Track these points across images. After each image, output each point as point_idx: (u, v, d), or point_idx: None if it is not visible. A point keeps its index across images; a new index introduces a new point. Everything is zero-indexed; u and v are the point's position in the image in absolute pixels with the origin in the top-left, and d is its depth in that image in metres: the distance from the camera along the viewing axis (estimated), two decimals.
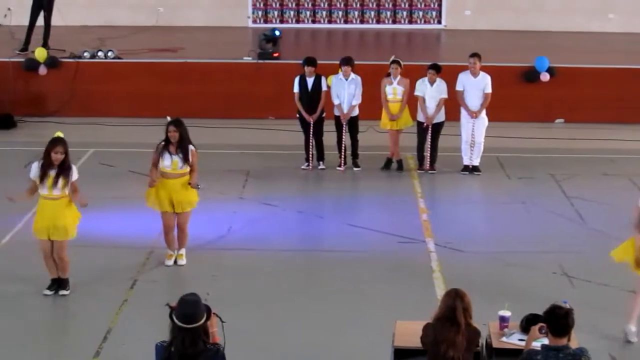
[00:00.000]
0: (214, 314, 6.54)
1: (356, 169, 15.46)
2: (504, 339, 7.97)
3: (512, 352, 7.63)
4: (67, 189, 10.29)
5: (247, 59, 18.93)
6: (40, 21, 19.32)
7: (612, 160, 16.09)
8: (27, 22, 19.45)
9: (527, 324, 7.84)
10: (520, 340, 7.84)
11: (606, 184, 14.83)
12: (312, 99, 15.13)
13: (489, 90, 15.00)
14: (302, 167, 15.46)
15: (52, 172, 10.23)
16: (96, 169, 14.99)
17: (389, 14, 23.20)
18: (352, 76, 15.18)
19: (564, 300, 7.35)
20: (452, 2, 23.15)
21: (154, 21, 22.77)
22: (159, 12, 22.87)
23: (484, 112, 15.06)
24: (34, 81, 18.71)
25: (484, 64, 15.23)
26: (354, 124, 15.37)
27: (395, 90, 15.11)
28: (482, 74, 15.06)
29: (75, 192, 10.37)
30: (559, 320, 6.61)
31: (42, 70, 18.64)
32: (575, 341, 6.94)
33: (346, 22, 23.28)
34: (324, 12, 23.25)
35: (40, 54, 18.67)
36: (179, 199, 11.21)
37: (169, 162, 11.14)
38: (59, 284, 10.57)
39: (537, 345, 6.87)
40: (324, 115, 15.33)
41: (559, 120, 18.68)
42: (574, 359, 6.55)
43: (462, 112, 15.13)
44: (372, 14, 23.20)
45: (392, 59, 15.21)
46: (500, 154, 16.12)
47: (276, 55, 18.89)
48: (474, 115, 14.99)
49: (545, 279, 11.08)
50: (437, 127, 15.15)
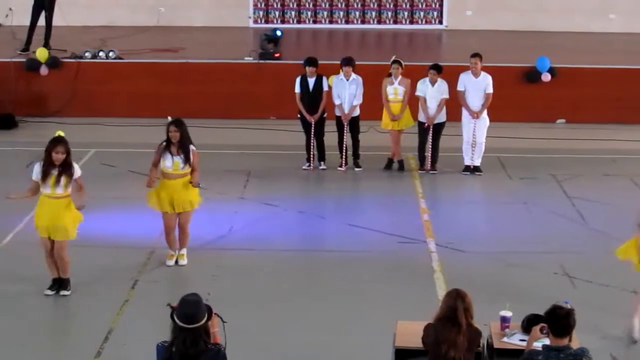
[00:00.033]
0: (215, 314, 6.54)
1: (357, 169, 15.45)
2: (505, 339, 7.96)
3: (513, 353, 7.62)
4: (70, 188, 10.30)
5: (248, 59, 18.92)
6: (41, 21, 19.33)
7: (614, 160, 16.08)
8: (28, 22, 19.45)
9: (528, 324, 7.83)
10: (521, 340, 7.84)
11: (607, 184, 14.82)
12: (314, 99, 15.13)
13: (490, 90, 14.99)
14: (303, 167, 15.46)
15: (54, 172, 10.22)
16: (97, 169, 14.98)
17: (390, 14, 23.19)
18: (353, 76, 15.17)
19: (565, 300, 7.33)
20: (453, 3, 23.13)
21: (155, 21, 22.75)
22: (160, 13, 22.86)
23: (485, 112, 15.05)
24: (35, 81, 18.70)
25: (485, 64, 15.23)
26: (355, 124, 15.36)
27: (396, 90, 15.10)
28: (483, 74, 15.05)
29: (81, 189, 10.41)
30: (560, 320, 6.60)
31: (44, 70, 18.64)
32: (576, 341, 6.93)
33: (347, 22, 23.27)
34: (325, 13, 23.24)
35: (41, 54, 18.67)
36: (180, 199, 11.20)
37: (170, 163, 11.13)
38: (59, 284, 10.56)
39: (538, 345, 6.87)
40: (325, 115, 15.33)
41: (560, 120, 18.67)
42: (575, 359, 6.54)
43: (464, 112, 15.12)
44: (374, 14, 23.18)
45: (393, 59, 15.21)
46: (501, 154, 16.11)
47: (277, 55, 18.88)
48: (475, 115, 14.98)
49: (546, 279, 11.08)
50: (438, 128, 15.14)
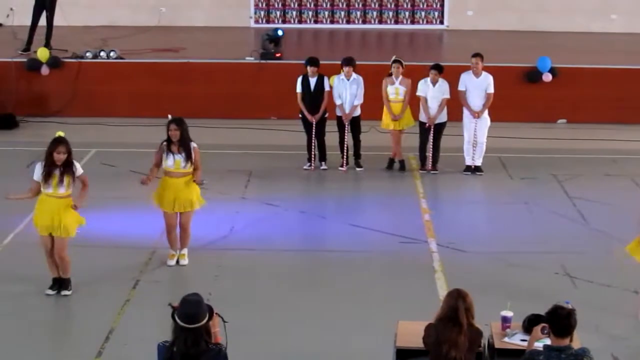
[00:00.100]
0: (216, 314, 6.54)
1: (358, 169, 15.45)
2: (506, 339, 7.96)
3: (514, 353, 7.62)
4: (72, 187, 10.31)
5: (250, 59, 18.91)
6: (42, 21, 19.33)
7: (615, 160, 16.07)
8: (29, 22, 19.44)
9: (529, 324, 7.83)
10: (522, 340, 7.83)
11: (608, 185, 14.81)
12: (315, 99, 15.12)
13: (492, 90, 14.98)
14: (305, 167, 15.45)
15: (57, 172, 10.22)
16: (98, 169, 14.96)
17: (391, 14, 23.18)
18: (354, 76, 15.16)
19: (566, 300, 7.33)
20: (454, 3, 23.12)
21: (156, 21, 22.74)
22: (161, 12, 22.85)
23: (487, 112, 15.04)
24: (37, 81, 18.70)
25: (486, 64, 15.21)
26: (356, 124, 15.36)
27: (397, 90, 15.10)
28: (484, 74, 15.05)
29: (85, 187, 10.45)
30: (561, 320, 6.61)
31: (45, 70, 18.64)
32: (577, 341, 6.94)
33: (348, 22, 23.26)
34: (327, 12, 23.24)
35: (42, 54, 18.67)
36: (181, 198, 11.21)
37: (172, 162, 11.14)
38: (60, 284, 10.56)
39: (539, 345, 6.87)
40: (327, 115, 15.32)
41: (561, 120, 18.66)
42: (576, 359, 6.54)
43: (465, 112, 15.12)
44: (375, 14, 23.18)
45: (393, 58, 15.20)
46: (502, 154, 16.10)
47: (278, 55, 18.88)
48: (476, 115, 14.97)
49: (547, 279, 11.07)
50: (440, 128, 15.13)
